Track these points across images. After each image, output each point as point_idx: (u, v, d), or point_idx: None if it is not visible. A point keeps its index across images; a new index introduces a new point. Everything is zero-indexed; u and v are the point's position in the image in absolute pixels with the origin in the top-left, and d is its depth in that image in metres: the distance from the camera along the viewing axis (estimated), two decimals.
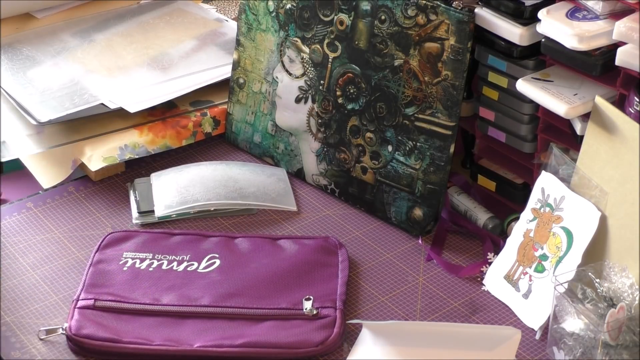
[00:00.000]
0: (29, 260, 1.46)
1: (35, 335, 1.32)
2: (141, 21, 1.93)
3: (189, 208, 1.54)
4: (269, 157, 1.67)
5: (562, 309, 1.25)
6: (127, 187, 1.61)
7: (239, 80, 1.69)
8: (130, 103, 1.66)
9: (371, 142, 1.53)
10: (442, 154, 1.46)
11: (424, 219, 1.49)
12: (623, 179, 1.29)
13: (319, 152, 1.60)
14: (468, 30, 1.40)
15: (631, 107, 1.29)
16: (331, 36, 1.54)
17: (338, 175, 1.58)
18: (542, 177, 1.38)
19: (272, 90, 1.64)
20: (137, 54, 1.81)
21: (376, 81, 1.50)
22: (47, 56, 1.80)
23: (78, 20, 1.92)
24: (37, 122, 1.61)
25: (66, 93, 1.69)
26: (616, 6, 1.31)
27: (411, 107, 1.47)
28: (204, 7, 2.00)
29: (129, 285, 1.38)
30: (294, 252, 1.44)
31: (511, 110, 1.46)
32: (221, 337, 1.30)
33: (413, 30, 1.45)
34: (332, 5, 1.53)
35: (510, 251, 1.40)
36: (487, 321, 1.36)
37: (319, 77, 1.57)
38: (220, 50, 1.84)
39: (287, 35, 1.60)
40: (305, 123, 1.61)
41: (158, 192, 1.56)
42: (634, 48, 1.26)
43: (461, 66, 1.42)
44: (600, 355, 1.21)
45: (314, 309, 1.33)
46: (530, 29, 1.37)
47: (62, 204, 1.57)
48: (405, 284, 1.42)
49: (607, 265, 1.26)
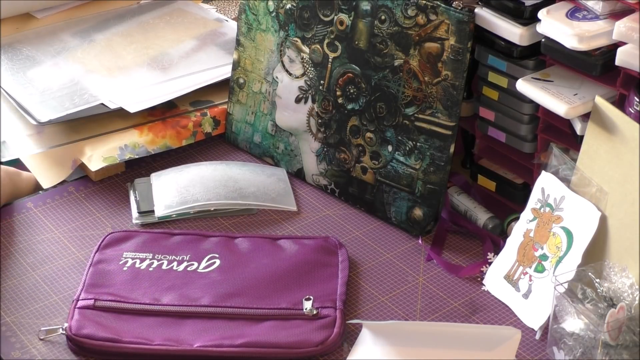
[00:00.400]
0: (29, 260, 1.46)
1: (35, 335, 1.32)
2: (141, 21, 1.93)
3: (189, 208, 1.54)
4: (269, 157, 1.67)
5: (562, 309, 1.25)
6: (127, 187, 1.61)
7: (239, 80, 1.69)
8: (130, 103, 1.66)
9: (371, 142, 1.53)
10: (442, 154, 1.46)
11: (424, 219, 1.49)
12: (623, 179, 1.29)
13: (319, 152, 1.60)
14: (468, 30, 1.40)
15: (631, 107, 1.29)
16: (331, 36, 1.54)
17: (338, 175, 1.58)
18: (542, 177, 1.38)
19: (272, 90, 1.64)
20: (137, 54, 1.81)
21: (376, 81, 1.50)
22: (47, 56, 1.80)
23: (78, 20, 1.92)
24: (37, 122, 1.61)
25: (66, 93, 1.69)
26: (616, 6, 1.31)
27: (411, 107, 1.47)
28: (204, 7, 2.00)
29: (129, 285, 1.38)
30: (294, 252, 1.44)
31: (511, 110, 1.46)
32: (221, 337, 1.30)
33: (413, 30, 1.45)
34: (332, 5, 1.53)
35: (510, 251, 1.40)
36: (487, 321, 1.36)
37: (319, 77, 1.57)
38: (220, 50, 1.84)
39: (287, 35, 1.60)
40: (305, 123, 1.61)
41: (158, 192, 1.56)
42: (634, 48, 1.26)
43: (461, 66, 1.42)
44: (600, 355, 1.21)
45: (314, 309, 1.33)
46: (530, 29, 1.37)
47: (62, 204, 1.57)
48: (405, 284, 1.42)
49: (607, 265, 1.26)
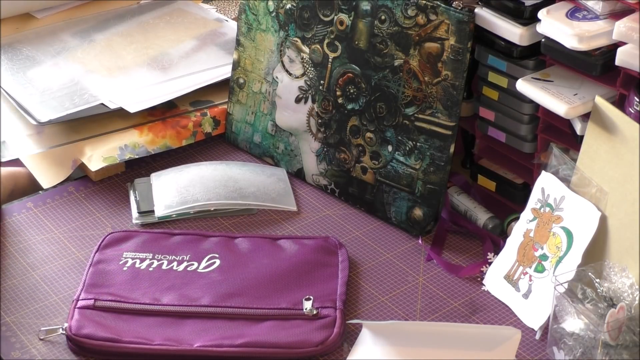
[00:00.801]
0: (29, 260, 1.46)
1: (35, 335, 1.32)
2: (141, 21, 1.93)
3: (189, 208, 1.54)
4: (269, 157, 1.67)
5: (562, 309, 1.25)
6: (127, 187, 1.61)
7: (239, 80, 1.69)
8: (130, 103, 1.66)
9: (371, 142, 1.53)
10: (442, 154, 1.46)
11: (423, 219, 1.49)
12: (623, 179, 1.29)
13: (319, 152, 1.60)
14: (468, 31, 1.40)
15: (631, 107, 1.29)
16: (331, 36, 1.54)
17: (338, 175, 1.58)
18: (542, 177, 1.38)
19: (272, 90, 1.64)
20: (137, 54, 1.81)
21: (376, 81, 1.50)
22: (47, 56, 1.80)
23: (78, 20, 1.92)
24: (37, 122, 1.61)
25: (66, 93, 1.69)
26: (616, 6, 1.31)
27: (411, 107, 1.47)
28: (204, 7, 2.00)
29: (129, 285, 1.38)
30: (294, 252, 1.44)
31: (511, 110, 1.46)
32: (221, 336, 1.30)
33: (413, 30, 1.45)
34: (332, 5, 1.53)
35: (510, 251, 1.40)
36: (487, 321, 1.36)
37: (319, 77, 1.57)
38: (220, 50, 1.84)
39: (287, 35, 1.60)
40: (305, 123, 1.61)
41: (158, 192, 1.56)
42: (634, 48, 1.26)
43: (461, 66, 1.42)
44: (600, 355, 1.21)
45: (314, 309, 1.33)
46: (530, 29, 1.37)
47: (62, 204, 1.57)
48: (405, 284, 1.42)
49: (607, 265, 1.26)
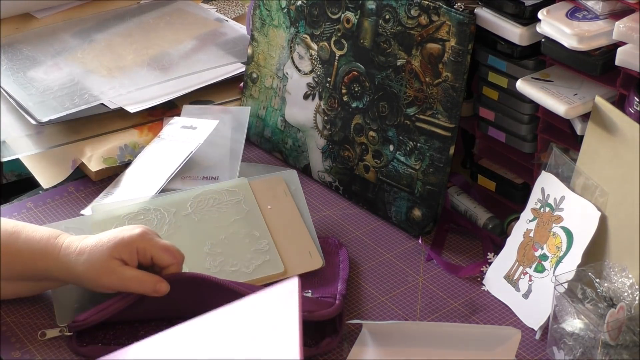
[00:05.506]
0: None
1: (35, 335, 1.32)
2: (141, 21, 1.93)
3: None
4: (278, 152, 1.67)
5: (562, 309, 1.25)
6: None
7: (253, 75, 1.69)
8: (130, 103, 1.66)
9: (374, 140, 1.53)
10: (441, 156, 1.46)
11: (422, 220, 1.49)
12: (623, 179, 1.29)
13: (324, 149, 1.60)
14: (469, 32, 1.40)
15: (631, 107, 1.29)
16: (338, 34, 1.54)
17: (342, 173, 1.58)
18: (542, 177, 1.38)
19: (282, 86, 1.65)
20: (137, 54, 1.81)
21: (379, 80, 1.50)
22: (47, 56, 1.80)
23: (78, 20, 1.92)
24: (37, 122, 1.61)
25: (66, 93, 1.69)
26: (616, 6, 1.31)
27: (412, 108, 1.47)
28: (204, 7, 2.00)
29: None
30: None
31: (511, 110, 1.46)
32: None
33: (415, 30, 1.45)
34: (339, 3, 1.53)
35: (510, 251, 1.40)
36: (487, 321, 1.36)
37: (326, 75, 1.57)
38: (220, 50, 1.84)
39: (297, 31, 1.60)
40: (312, 120, 1.61)
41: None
42: (634, 48, 1.26)
43: (461, 68, 1.42)
44: (600, 355, 1.21)
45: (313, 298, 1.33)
46: (530, 29, 1.37)
47: (62, 204, 1.57)
48: (405, 284, 1.42)
49: (607, 265, 1.26)
